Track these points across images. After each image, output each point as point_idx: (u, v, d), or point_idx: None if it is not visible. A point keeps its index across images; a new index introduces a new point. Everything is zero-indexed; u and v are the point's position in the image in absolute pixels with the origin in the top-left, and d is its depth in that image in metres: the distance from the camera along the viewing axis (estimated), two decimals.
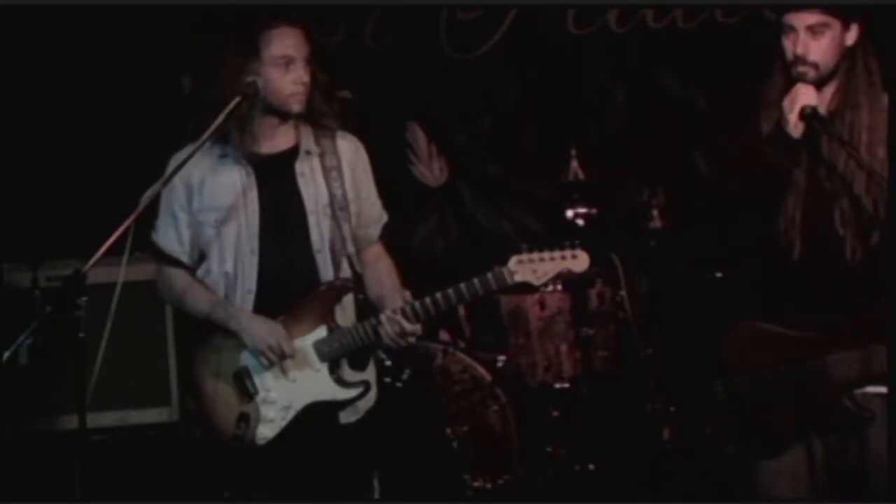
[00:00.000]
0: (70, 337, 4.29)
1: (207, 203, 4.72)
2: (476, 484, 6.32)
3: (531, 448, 6.47)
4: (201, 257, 4.78)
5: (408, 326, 4.59)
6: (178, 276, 4.80)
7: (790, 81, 4.40)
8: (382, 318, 4.61)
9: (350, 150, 4.81)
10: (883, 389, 4.40)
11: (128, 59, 7.19)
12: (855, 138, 4.39)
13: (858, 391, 4.42)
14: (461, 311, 6.64)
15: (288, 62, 4.65)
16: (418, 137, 6.64)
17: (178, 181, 4.70)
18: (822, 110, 4.40)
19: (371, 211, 4.86)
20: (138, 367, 6.34)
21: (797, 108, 4.35)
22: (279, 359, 4.63)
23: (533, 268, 4.52)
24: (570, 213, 6.80)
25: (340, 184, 4.72)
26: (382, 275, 4.81)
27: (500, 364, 6.68)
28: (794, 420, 4.44)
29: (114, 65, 7.18)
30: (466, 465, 6.29)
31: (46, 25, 7.05)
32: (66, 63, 7.12)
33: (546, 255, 4.52)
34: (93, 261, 4.30)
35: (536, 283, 4.55)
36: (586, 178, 6.90)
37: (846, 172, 4.41)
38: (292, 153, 4.74)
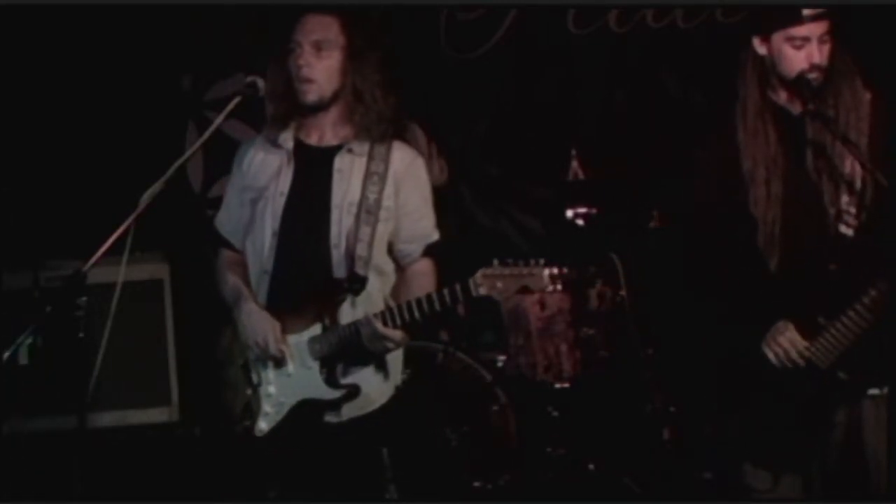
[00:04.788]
0: (70, 337, 4.30)
1: (248, 183, 4.76)
2: (476, 484, 6.33)
3: (531, 448, 6.46)
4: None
5: (380, 329, 4.51)
6: (222, 260, 4.84)
7: None
8: (362, 319, 4.56)
9: (402, 161, 4.72)
10: (877, 391, 4.42)
11: (128, 59, 7.20)
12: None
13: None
14: (460, 310, 6.63)
15: (295, 48, 4.63)
16: (418, 137, 6.61)
17: (234, 165, 4.82)
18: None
19: (415, 227, 4.75)
20: (138, 367, 6.34)
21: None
22: (264, 357, 4.63)
23: (495, 282, 4.42)
24: (570, 213, 6.79)
25: (378, 189, 4.64)
26: (410, 288, 4.69)
27: (500, 364, 6.68)
28: (795, 409, 4.47)
29: (114, 65, 7.18)
30: (466, 465, 6.28)
31: (46, 25, 7.05)
32: (67, 63, 7.13)
33: (508, 270, 4.41)
34: (93, 261, 4.30)
35: (498, 297, 4.45)
36: (586, 178, 6.89)
37: (840, 170, 4.44)
38: (338, 149, 4.72)
